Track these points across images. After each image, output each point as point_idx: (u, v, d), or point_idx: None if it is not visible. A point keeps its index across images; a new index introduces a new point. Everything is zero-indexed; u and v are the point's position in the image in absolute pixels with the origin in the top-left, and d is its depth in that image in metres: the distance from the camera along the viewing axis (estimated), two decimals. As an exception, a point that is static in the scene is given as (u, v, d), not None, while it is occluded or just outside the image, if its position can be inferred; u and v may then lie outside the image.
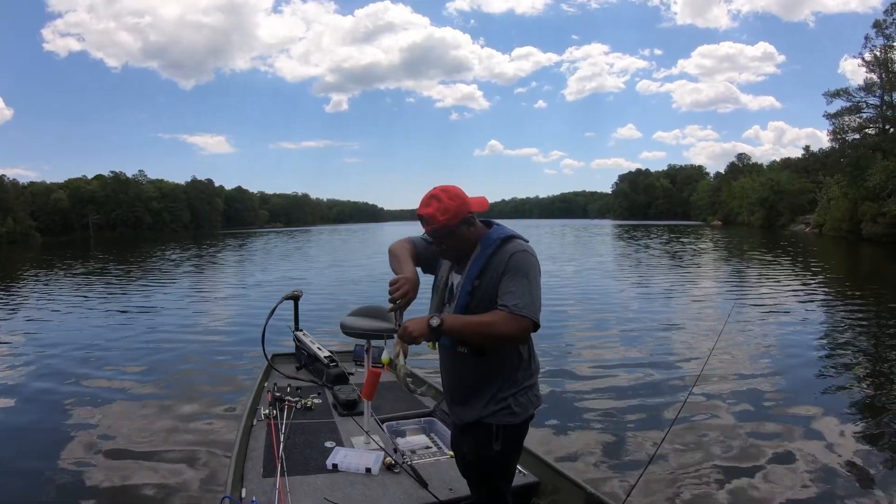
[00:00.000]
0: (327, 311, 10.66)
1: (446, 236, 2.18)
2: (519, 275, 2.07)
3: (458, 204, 2.14)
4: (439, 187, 2.18)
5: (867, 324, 9.48)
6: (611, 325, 9.61)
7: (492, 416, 2.17)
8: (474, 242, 2.20)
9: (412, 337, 2.03)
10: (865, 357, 7.42)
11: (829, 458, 4.22)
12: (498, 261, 2.12)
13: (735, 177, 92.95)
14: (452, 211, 2.12)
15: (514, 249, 2.13)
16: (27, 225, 77.86)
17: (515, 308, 2.01)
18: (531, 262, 2.11)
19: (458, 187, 2.20)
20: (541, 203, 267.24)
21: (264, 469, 3.07)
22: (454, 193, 2.16)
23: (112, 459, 4.30)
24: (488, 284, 2.12)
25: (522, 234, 2.22)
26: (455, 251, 2.24)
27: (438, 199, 2.13)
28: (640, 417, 5.17)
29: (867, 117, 42.62)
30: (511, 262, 2.09)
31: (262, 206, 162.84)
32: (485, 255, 2.15)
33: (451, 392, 2.35)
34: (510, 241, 2.17)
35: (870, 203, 37.67)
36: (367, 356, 3.83)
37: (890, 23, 40.56)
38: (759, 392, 5.78)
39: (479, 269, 2.14)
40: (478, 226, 2.23)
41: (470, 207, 2.17)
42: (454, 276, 2.29)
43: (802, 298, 12.42)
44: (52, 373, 6.92)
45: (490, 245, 2.16)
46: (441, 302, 2.32)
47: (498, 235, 2.19)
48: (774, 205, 67.50)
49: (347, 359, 5.12)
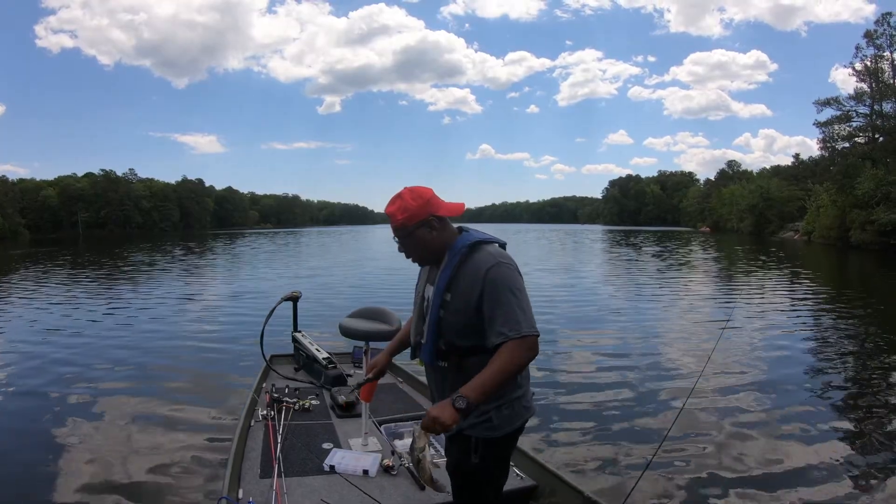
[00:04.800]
0: (326, 312, 10.63)
1: (405, 237, 2.10)
2: (503, 293, 1.94)
3: (419, 205, 2.06)
4: (409, 187, 2.11)
5: (856, 330, 9.56)
6: (604, 330, 9.63)
7: (471, 429, 2.06)
8: (440, 249, 2.11)
9: (445, 427, 1.84)
10: (855, 363, 7.47)
11: (824, 464, 4.25)
12: (469, 274, 2.01)
13: (725, 184, 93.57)
14: (411, 211, 2.05)
15: (486, 263, 1.99)
16: (16, 222, 77.18)
17: (515, 333, 1.89)
18: (510, 275, 1.98)
19: (429, 189, 2.11)
20: (531, 207, 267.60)
21: (261, 470, 3.07)
22: (418, 194, 2.08)
23: (108, 460, 4.25)
24: (460, 299, 2.02)
25: (501, 237, 2.13)
26: (415, 254, 2.17)
27: (402, 197, 2.08)
28: (638, 422, 5.18)
29: (857, 126, 43.12)
30: (488, 280, 1.96)
31: (253, 207, 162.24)
32: (451, 266, 2.05)
33: (434, 403, 2.25)
34: (478, 248, 2.06)
35: (858, 211, 38.05)
36: (366, 358, 3.83)
37: (881, 33, 41.19)
38: (753, 398, 5.80)
39: (447, 280, 2.05)
40: (447, 231, 2.13)
41: (434, 210, 2.08)
42: (428, 288, 2.20)
43: (794, 305, 12.52)
44: (45, 372, 6.84)
45: (456, 254, 2.06)
46: (420, 317, 2.24)
47: (463, 243, 2.07)
48: (764, 212, 67.91)
49: (346, 360, 5.13)
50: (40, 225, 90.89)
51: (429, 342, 2.13)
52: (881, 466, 4.24)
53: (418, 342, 2.25)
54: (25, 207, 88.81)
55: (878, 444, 4.66)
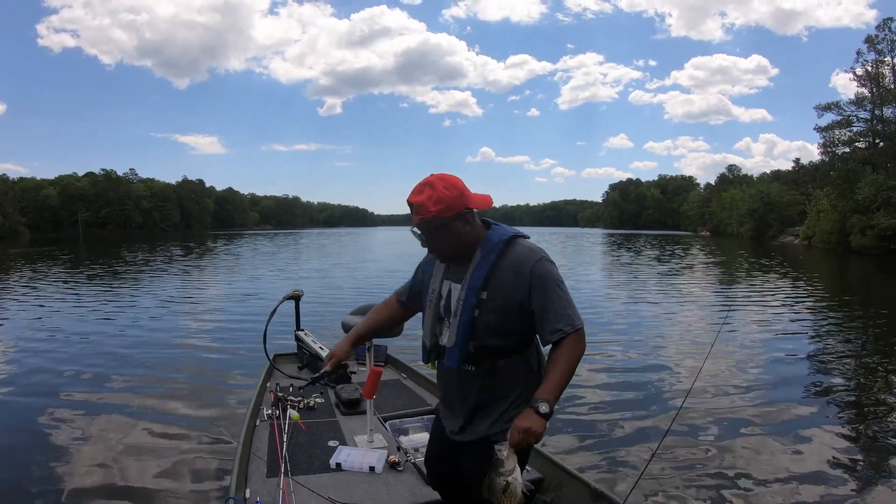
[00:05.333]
0: (328, 310, 10.65)
1: (437, 230, 1.91)
2: (552, 289, 1.85)
3: (454, 195, 1.87)
4: (436, 175, 1.90)
5: (856, 334, 9.60)
6: (605, 330, 9.63)
7: (499, 434, 1.88)
8: (472, 244, 1.94)
9: (539, 437, 1.73)
10: (854, 365, 7.48)
11: (823, 464, 4.27)
12: (510, 270, 1.89)
13: (725, 188, 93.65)
14: (446, 202, 1.86)
15: (530, 259, 1.88)
16: (16, 221, 77.20)
17: (571, 327, 1.83)
18: (554, 270, 1.89)
19: (457, 177, 1.92)
20: (531, 210, 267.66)
21: (268, 469, 3.06)
22: (451, 183, 1.89)
23: (114, 460, 4.23)
24: (499, 297, 1.89)
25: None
26: (445, 250, 2.00)
27: (433, 186, 1.86)
28: (641, 416, 5.29)
29: (857, 131, 43.14)
30: (535, 275, 1.86)
31: (253, 208, 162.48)
32: (488, 262, 1.90)
33: (451, 408, 2.10)
34: (514, 243, 1.94)
35: (858, 216, 38.10)
36: (369, 355, 3.82)
37: (882, 38, 41.14)
38: (752, 399, 5.83)
39: (483, 277, 1.89)
40: (476, 225, 1.97)
41: (469, 202, 1.91)
42: (450, 285, 2.02)
43: (793, 309, 12.53)
44: (47, 373, 6.81)
45: (492, 250, 1.91)
46: (436, 317, 2.06)
47: (499, 238, 1.94)
48: (764, 216, 67.94)
49: (349, 358, 5.12)
50: (40, 224, 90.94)
51: (457, 345, 1.95)
52: (879, 468, 4.28)
53: (436, 345, 2.06)
54: (25, 206, 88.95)
55: (876, 445, 4.70)
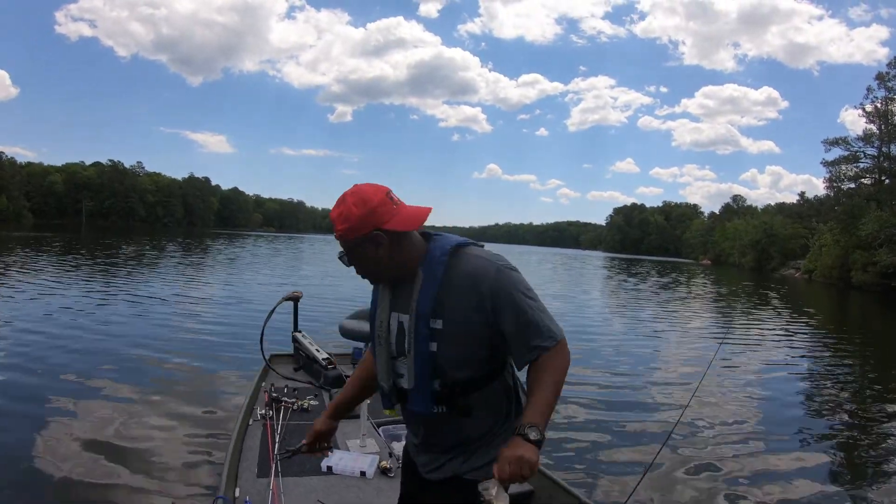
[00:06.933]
0: (326, 313, 10.64)
1: (349, 251, 1.61)
2: (519, 299, 1.53)
3: (361, 214, 1.52)
4: (357, 185, 1.59)
5: (852, 370, 9.57)
6: (603, 349, 9.59)
7: (475, 472, 1.61)
8: (401, 266, 1.61)
9: (535, 466, 1.37)
10: (848, 401, 7.45)
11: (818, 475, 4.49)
12: (462, 290, 1.55)
13: (729, 218, 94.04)
14: (351, 221, 1.53)
15: (485, 272, 1.54)
16: (21, 204, 77.46)
17: (552, 339, 1.53)
18: (516, 277, 1.57)
19: (380, 191, 1.57)
20: (535, 230, 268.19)
21: (259, 469, 3.05)
22: (363, 197, 1.54)
23: (104, 458, 4.17)
24: (456, 324, 1.55)
25: (505, 258, 1.61)
26: (370, 274, 1.67)
27: (344, 200, 1.56)
28: (634, 433, 5.38)
29: (864, 167, 43.50)
30: (497, 290, 1.53)
31: (257, 210, 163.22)
32: (434, 283, 1.56)
33: (419, 446, 1.76)
34: (461, 253, 1.60)
35: (861, 252, 38.22)
36: (366, 360, 3.80)
37: (893, 76, 41.52)
38: (742, 427, 5.83)
39: (431, 303, 1.55)
40: (406, 245, 1.59)
41: (381, 222, 1.53)
42: (398, 317, 1.66)
43: (791, 343, 12.49)
44: (39, 367, 6.63)
45: (435, 267, 1.57)
46: (389, 356, 1.69)
47: (441, 252, 1.59)
48: (766, 248, 68.09)
49: (346, 361, 5.10)
50: (45, 210, 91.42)
51: (421, 387, 1.61)
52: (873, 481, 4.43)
53: (395, 388, 1.71)
54: (31, 191, 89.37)
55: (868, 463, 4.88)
